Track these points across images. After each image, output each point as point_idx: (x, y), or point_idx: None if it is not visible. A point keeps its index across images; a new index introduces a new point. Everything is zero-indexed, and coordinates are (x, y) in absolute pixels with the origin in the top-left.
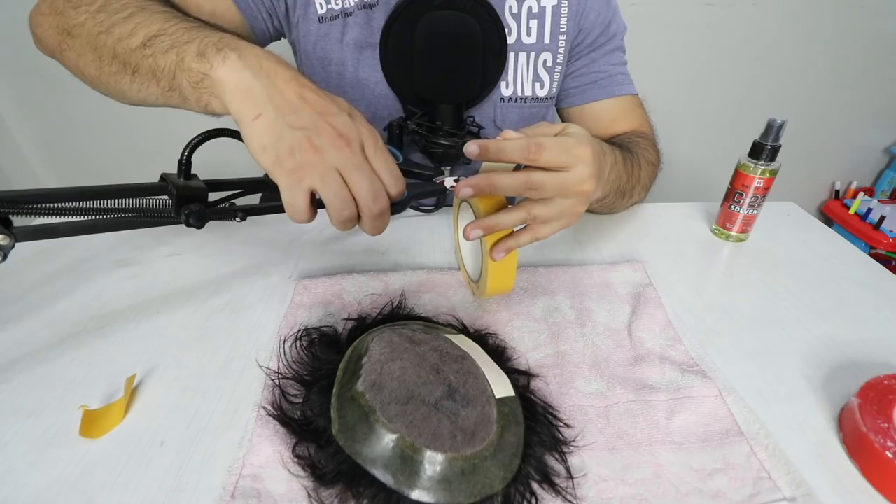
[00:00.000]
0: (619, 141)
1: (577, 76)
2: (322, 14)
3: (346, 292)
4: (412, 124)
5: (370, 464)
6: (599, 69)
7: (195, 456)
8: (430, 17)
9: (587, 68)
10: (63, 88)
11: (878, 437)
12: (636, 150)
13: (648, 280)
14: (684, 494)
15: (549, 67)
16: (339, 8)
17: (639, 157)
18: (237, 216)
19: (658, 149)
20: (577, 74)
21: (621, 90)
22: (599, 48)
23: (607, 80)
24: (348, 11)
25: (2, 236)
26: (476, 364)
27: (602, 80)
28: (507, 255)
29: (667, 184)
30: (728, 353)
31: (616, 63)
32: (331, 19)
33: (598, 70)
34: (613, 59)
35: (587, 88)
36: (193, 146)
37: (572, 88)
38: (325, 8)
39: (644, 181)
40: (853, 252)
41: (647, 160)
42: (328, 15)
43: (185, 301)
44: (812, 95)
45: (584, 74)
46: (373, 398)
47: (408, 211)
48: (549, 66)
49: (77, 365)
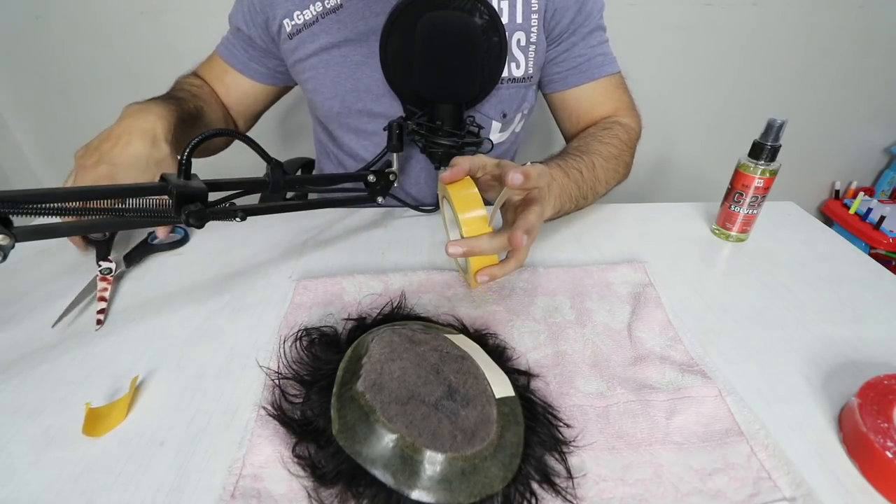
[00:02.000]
0: (569, 150)
1: (557, 62)
2: (290, 31)
3: (346, 292)
4: (412, 124)
5: (370, 464)
6: (579, 53)
7: (195, 456)
8: (430, 17)
9: (567, 54)
10: (63, 88)
11: (878, 437)
12: (588, 151)
13: (648, 280)
14: (684, 494)
15: (524, 47)
16: (302, 21)
17: (590, 159)
18: (237, 216)
19: (634, 130)
20: (557, 61)
21: (601, 72)
22: (577, 31)
23: (586, 65)
24: (309, 23)
25: (2, 236)
26: (476, 364)
27: (581, 64)
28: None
29: (667, 184)
30: (728, 353)
31: (595, 44)
32: (296, 33)
33: (578, 55)
34: (592, 41)
35: (568, 74)
36: (193, 146)
37: (554, 75)
38: (290, 25)
39: (604, 178)
40: (853, 252)
41: (603, 155)
42: (294, 31)
43: (185, 301)
44: (812, 95)
45: (565, 60)
46: (373, 398)
47: (407, 211)
48: (523, 46)
49: (77, 365)
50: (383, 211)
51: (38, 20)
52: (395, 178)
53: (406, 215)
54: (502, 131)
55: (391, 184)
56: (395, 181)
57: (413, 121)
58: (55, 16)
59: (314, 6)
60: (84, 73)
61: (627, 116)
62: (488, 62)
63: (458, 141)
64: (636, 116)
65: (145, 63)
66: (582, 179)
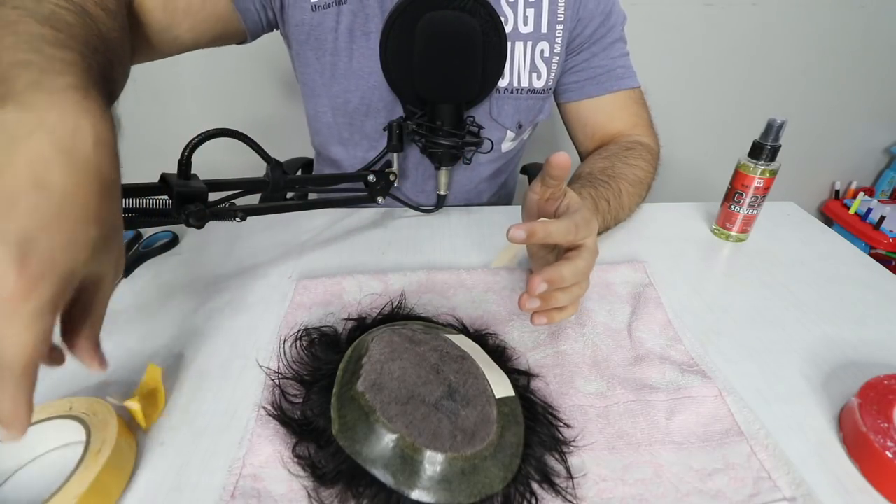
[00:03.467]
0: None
1: (575, 71)
2: (314, 2)
3: (346, 292)
4: (412, 124)
5: (370, 464)
6: (599, 64)
7: (195, 456)
8: (430, 17)
9: (587, 63)
10: None
11: (878, 437)
12: (616, 176)
13: (648, 280)
14: (684, 494)
15: (547, 58)
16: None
17: (618, 185)
18: (237, 216)
19: (654, 151)
20: (576, 70)
21: (619, 85)
22: (599, 41)
23: (605, 76)
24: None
25: None
26: (476, 364)
27: (600, 75)
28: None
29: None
30: (728, 353)
31: (616, 56)
32: (324, 7)
33: (597, 65)
34: (613, 52)
35: (585, 84)
36: (193, 146)
37: (571, 84)
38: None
39: (629, 204)
40: (853, 252)
41: (630, 180)
42: (321, 3)
43: (185, 301)
44: (812, 95)
45: (584, 70)
46: (373, 398)
47: (408, 211)
48: (546, 57)
49: (77, 365)
50: (383, 211)
51: None
52: (395, 178)
53: (406, 215)
54: (514, 140)
55: (391, 184)
56: (395, 181)
57: (413, 121)
58: None
59: None
60: None
61: (647, 136)
62: (489, 62)
63: (458, 141)
64: (655, 136)
65: (145, 63)
66: (608, 210)
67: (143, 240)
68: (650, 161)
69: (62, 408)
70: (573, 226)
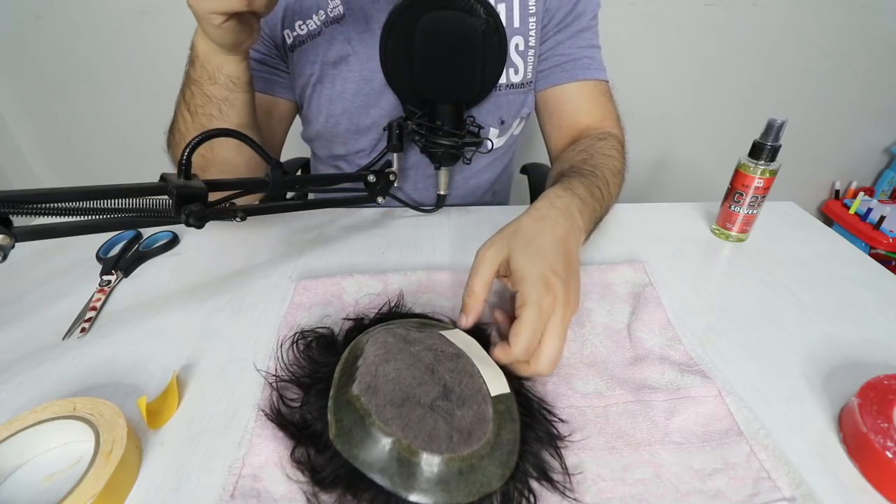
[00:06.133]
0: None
1: (542, 59)
2: (291, 43)
3: (346, 292)
4: (412, 124)
5: (367, 468)
6: (564, 52)
7: (195, 456)
8: (430, 17)
9: (552, 52)
10: (63, 88)
11: (878, 437)
12: (598, 166)
13: (648, 280)
14: (684, 494)
15: (522, 51)
16: (305, 32)
17: (603, 174)
18: (237, 216)
19: (622, 142)
20: (542, 58)
21: (585, 74)
22: (565, 29)
23: (570, 64)
24: (314, 33)
25: (2, 236)
26: (471, 362)
27: (565, 63)
28: None
29: (667, 184)
30: (728, 353)
31: (583, 45)
32: (299, 45)
33: (563, 53)
34: (580, 42)
35: (550, 72)
36: (193, 146)
37: (538, 73)
38: (291, 37)
39: (615, 191)
40: (853, 252)
41: (611, 170)
42: (296, 42)
43: (185, 301)
44: (812, 95)
45: (549, 58)
46: (368, 401)
47: (408, 211)
48: (521, 51)
49: (77, 365)
50: (383, 211)
51: (38, 20)
52: (395, 178)
53: (406, 215)
54: (500, 136)
55: (391, 184)
56: (395, 181)
57: (413, 121)
58: (55, 16)
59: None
60: (84, 73)
61: (615, 128)
62: (488, 62)
63: (458, 141)
64: (622, 129)
65: (145, 63)
66: (602, 197)
67: (143, 240)
68: (622, 152)
69: (66, 408)
70: (527, 330)
